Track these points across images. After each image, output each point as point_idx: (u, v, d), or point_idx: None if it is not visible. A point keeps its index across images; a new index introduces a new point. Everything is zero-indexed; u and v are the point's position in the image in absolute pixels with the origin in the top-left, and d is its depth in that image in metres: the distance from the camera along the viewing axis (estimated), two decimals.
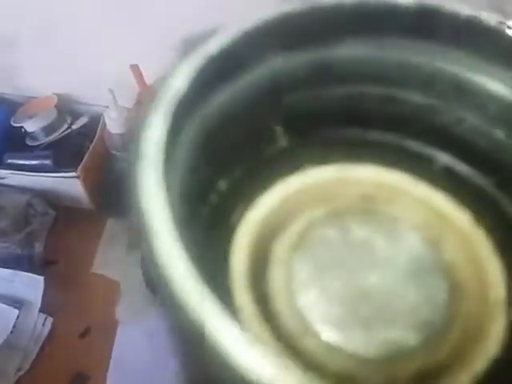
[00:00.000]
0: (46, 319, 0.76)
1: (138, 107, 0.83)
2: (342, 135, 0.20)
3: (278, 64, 0.18)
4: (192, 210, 0.17)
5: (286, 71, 0.19)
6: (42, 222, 0.87)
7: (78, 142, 0.90)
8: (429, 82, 0.18)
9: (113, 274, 0.81)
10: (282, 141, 0.21)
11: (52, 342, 0.74)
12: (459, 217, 0.20)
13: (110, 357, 0.71)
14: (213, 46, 0.16)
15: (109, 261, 0.83)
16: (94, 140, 0.89)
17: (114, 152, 0.90)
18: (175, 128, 0.15)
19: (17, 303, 0.77)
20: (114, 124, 0.85)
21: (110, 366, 0.71)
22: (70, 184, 0.86)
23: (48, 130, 0.90)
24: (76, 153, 0.88)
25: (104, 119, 0.88)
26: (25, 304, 0.77)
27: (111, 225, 0.88)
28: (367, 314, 0.19)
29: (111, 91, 0.80)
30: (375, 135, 0.20)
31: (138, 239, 0.14)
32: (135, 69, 0.74)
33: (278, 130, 0.20)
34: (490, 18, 0.18)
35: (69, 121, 0.92)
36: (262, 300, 0.18)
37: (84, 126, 0.92)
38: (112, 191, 0.91)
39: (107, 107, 0.89)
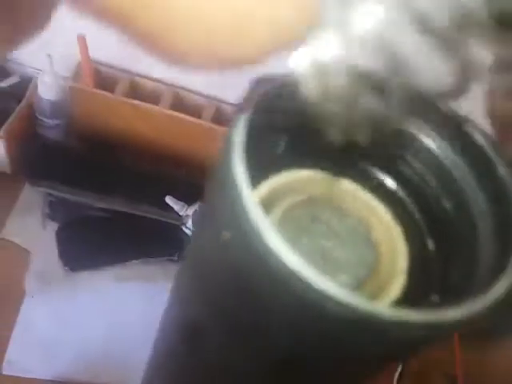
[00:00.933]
0: None
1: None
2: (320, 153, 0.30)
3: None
4: None
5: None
6: None
7: (5, 101, 0.86)
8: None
9: (24, 243, 0.79)
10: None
11: None
12: (383, 211, 0.32)
13: (13, 324, 0.70)
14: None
15: (21, 228, 0.80)
16: (22, 102, 0.86)
17: (41, 118, 0.87)
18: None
19: None
20: (46, 89, 0.82)
21: (13, 335, 0.70)
22: None
23: None
24: (1, 113, 0.84)
25: (36, 83, 0.85)
26: None
27: (28, 192, 0.85)
28: (322, 265, 0.29)
29: (49, 56, 0.78)
30: (342, 156, 0.30)
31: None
32: (81, 40, 0.72)
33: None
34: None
35: None
36: None
37: (13, 85, 0.88)
38: (34, 158, 0.88)
39: (41, 71, 0.87)
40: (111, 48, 0.82)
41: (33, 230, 0.80)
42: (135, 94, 0.82)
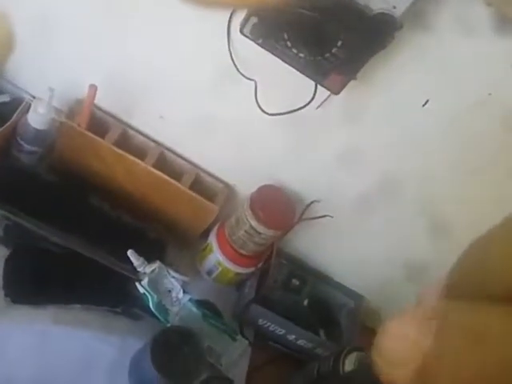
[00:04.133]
0: None
1: None
2: None
3: None
4: None
5: None
6: None
7: None
8: None
9: None
10: None
11: None
12: None
13: None
14: None
15: None
16: (7, 123, 0.85)
17: (20, 142, 0.87)
18: None
19: None
20: (36, 118, 0.83)
21: None
22: None
23: None
24: None
25: (26, 108, 0.86)
26: None
27: None
28: None
29: (51, 90, 0.79)
30: None
31: None
32: (92, 90, 0.75)
33: None
34: None
35: None
36: None
37: (1, 104, 0.88)
38: (1, 178, 0.86)
39: (34, 98, 0.87)
40: (112, 96, 0.85)
41: None
42: (123, 145, 0.84)
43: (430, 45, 0.70)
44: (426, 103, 0.76)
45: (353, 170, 0.87)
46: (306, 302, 1.00)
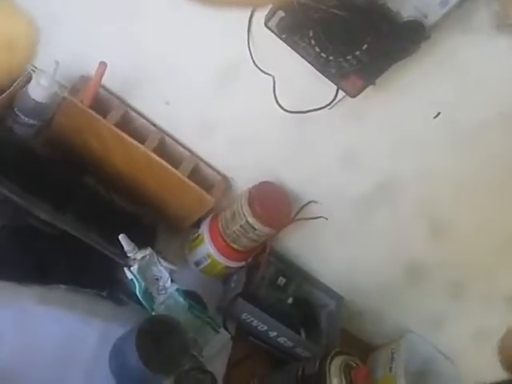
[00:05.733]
0: None
1: None
2: None
3: None
4: None
5: None
6: None
7: None
8: None
9: None
10: None
11: None
12: None
13: None
14: None
15: None
16: (6, 92, 0.82)
17: (18, 112, 0.84)
18: None
19: None
20: (38, 90, 0.80)
21: None
22: None
23: None
24: None
25: (27, 78, 0.83)
26: None
27: None
28: None
29: (57, 63, 0.77)
30: None
31: None
32: (102, 67, 0.73)
33: None
34: None
35: None
36: None
37: None
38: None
39: (36, 69, 0.84)
40: (118, 76, 0.83)
41: None
42: (124, 127, 0.82)
43: (452, 58, 0.70)
44: (437, 116, 0.77)
45: (353, 172, 0.87)
46: (290, 301, 1.00)
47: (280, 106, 0.77)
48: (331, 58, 0.69)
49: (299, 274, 1.04)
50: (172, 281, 0.85)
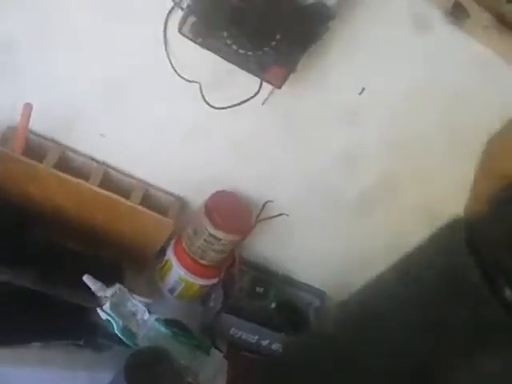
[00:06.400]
0: None
1: None
2: None
3: None
4: None
5: None
6: None
7: None
8: None
9: None
10: None
11: None
12: None
13: None
14: None
15: None
16: None
17: None
18: None
19: None
20: None
21: None
22: None
23: None
24: None
25: None
26: None
27: None
28: None
29: None
30: None
31: None
32: (27, 108, 0.71)
33: None
34: None
35: None
36: None
37: None
38: None
39: None
40: (48, 118, 0.81)
41: None
42: (64, 168, 0.80)
43: (362, 33, 0.73)
44: (362, 91, 0.79)
45: (297, 162, 0.88)
46: (273, 305, 0.99)
47: (208, 104, 0.77)
48: (250, 53, 0.70)
49: (276, 278, 1.03)
50: (149, 312, 0.82)
